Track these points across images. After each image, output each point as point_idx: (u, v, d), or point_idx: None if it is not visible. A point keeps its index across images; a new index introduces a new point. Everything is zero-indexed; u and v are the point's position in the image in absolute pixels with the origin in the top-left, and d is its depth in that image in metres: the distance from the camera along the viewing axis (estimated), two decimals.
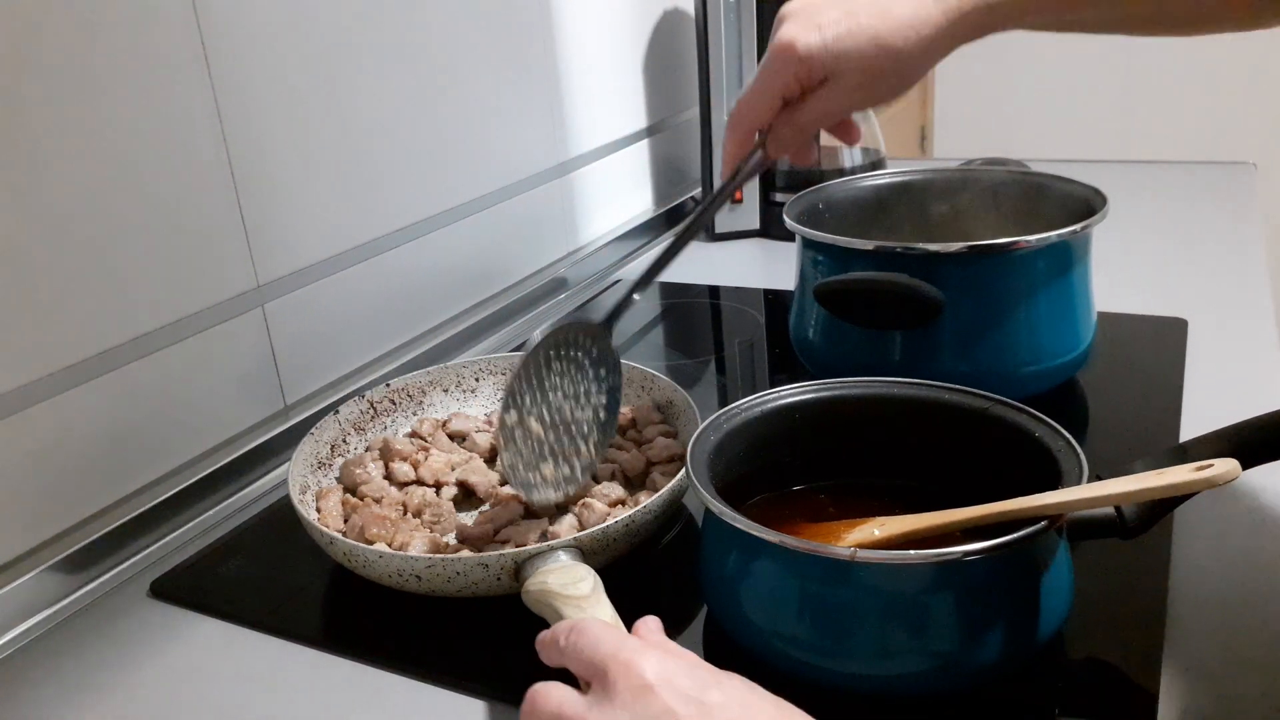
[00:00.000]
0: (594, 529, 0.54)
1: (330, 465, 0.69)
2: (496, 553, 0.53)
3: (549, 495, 0.58)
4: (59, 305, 0.62)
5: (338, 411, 0.70)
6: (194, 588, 0.62)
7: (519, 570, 0.52)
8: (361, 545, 0.55)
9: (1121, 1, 0.56)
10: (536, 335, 0.57)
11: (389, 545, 0.59)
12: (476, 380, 0.77)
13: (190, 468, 0.71)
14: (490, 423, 0.73)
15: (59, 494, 0.64)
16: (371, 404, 0.73)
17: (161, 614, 0.60)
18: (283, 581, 0.62)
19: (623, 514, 0.55)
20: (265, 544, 0.67)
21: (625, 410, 0.71)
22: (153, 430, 0.69)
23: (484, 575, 0.53)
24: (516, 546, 0.57)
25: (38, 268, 0.61)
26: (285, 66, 0.76)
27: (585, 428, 0.60)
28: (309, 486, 0.65)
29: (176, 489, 0.69)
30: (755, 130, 0.59)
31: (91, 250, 0.64)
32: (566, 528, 0.59)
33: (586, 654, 0.41)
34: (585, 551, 0.54)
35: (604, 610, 0.48)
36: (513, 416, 0.56)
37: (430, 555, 0.54)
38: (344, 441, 0.70)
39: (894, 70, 0.54)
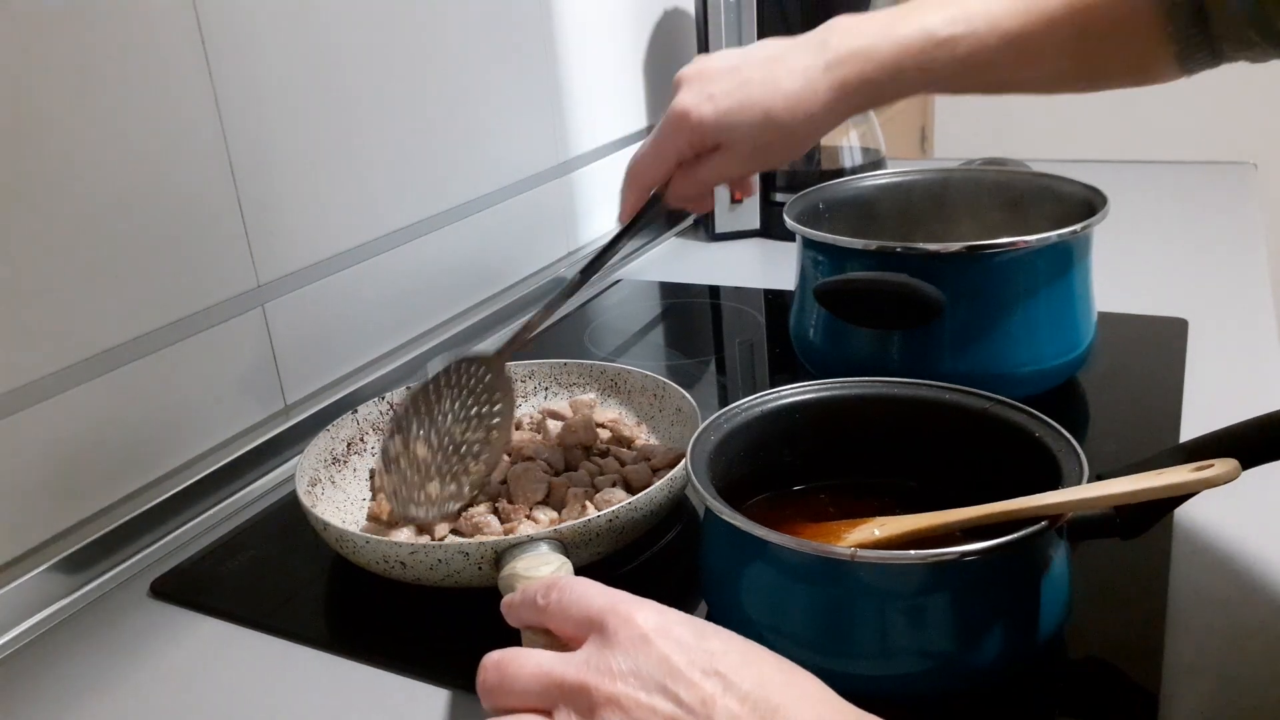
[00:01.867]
0: (575, 521, 0.54)
1: (345, 461, 0.69)
2: (477, 540, 0.53)
3: (430, 513, 0.59)
4: (59, 305, 0.62)
5: (356, 411, 0.71)
6: (194, 587, 0.62)
7: (499, 560, 0.53)
8: (351, 531, 0.56)
9: (1007, 67, 0.57)
10: (431, 367, 0.60)
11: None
12: None
13: (191, 467, 0.71)
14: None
15: (59, 493, 0.64)
16: (391, 406, 0.73)
17: (162, 614, 0.61)
18: (283, 581, 0.62)
19: (608, 509, 0.55)
20: (266, 543, 0.67)
21: (613, 418, 0.71)
22: (153, 430, 0.69)
23: (465, 564, 0.53)
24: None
25: (37, 268, 0.61)
26: (286, 66, 0.76)
27: (476, 447, 0.61)
28: (319, 480, 0.66)
29: (177, 489, 0.69)
30: (650, 187, 0.63)
31: (91, 250, 0.64)
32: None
33: (577, 609, 0.40)
34: (567, 545, 0.54)
35: None
36: (396, 444, 0.59)
37: (413, 542, 0.55)
38: (361, 440, 0.71)
39: (782, 141, 0.57)
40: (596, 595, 0.40)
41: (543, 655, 0.39)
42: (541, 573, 0.50)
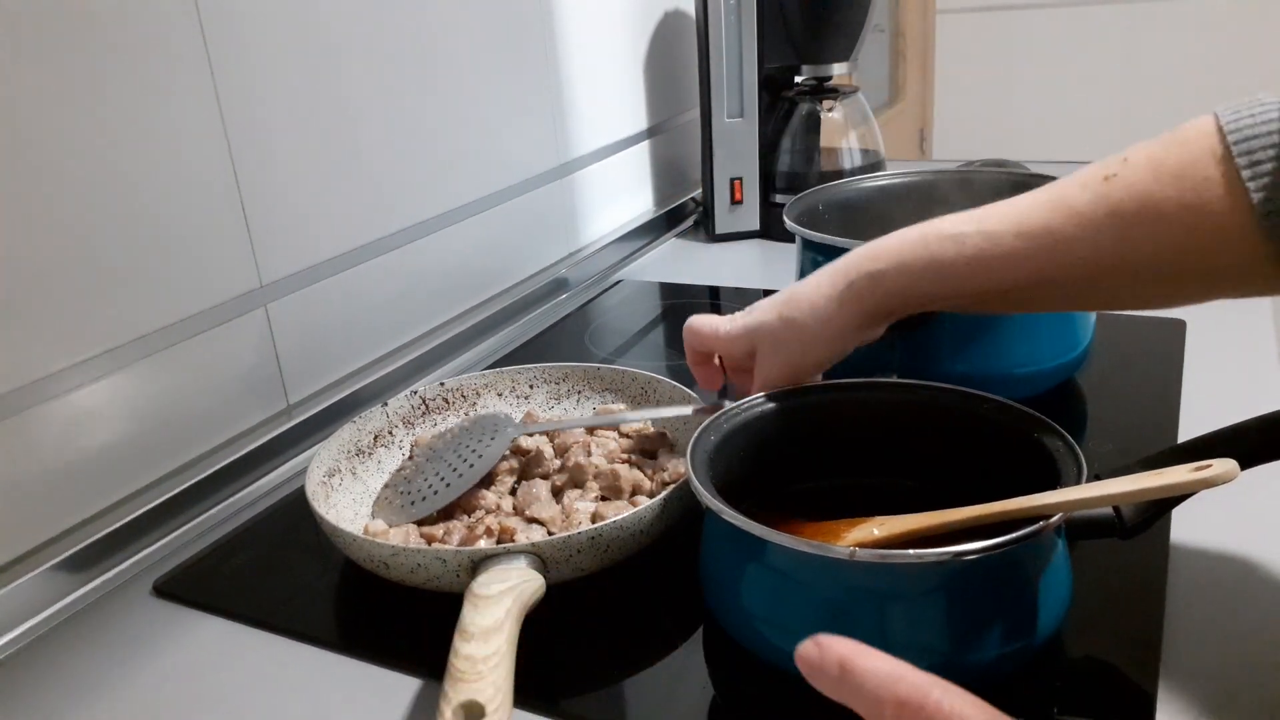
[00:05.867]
0: (555, 537, 0.53)
1: (369, 454, 0.69)
2: (453, 549, 0.53)
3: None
4: (61, 306, 0.63)
5: (386, 404, 0.71)
6: (197, 587, 0.62)
7: (476, 569, 0.52)
8: (341, 528, 0.56)
9: (1029, 264, 0.51)
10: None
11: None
12: (530, 387, 0.77)
13: (193, 466, 0.72)
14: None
15: (62, 493, 0.64)
16: (424, 400, 0.73)
17: (165, 613, 0.61)
18: (286, 580, 0.62)
19: (592, 525, 0.54)
20: (269, 542, 0.67)
21: (637, 428, 0.71)
22: (156, 429, 0.69)
23: (443, 570, 0.53)
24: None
25: (40, 269, 0.61)
26: (288, 67, 0.77)
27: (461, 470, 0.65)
28: (339, 470, 0.66)
29: (180, 488, 0.69)
30: (703, 360, 0.66)
31: (94, 251, 0.64)
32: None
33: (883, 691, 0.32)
34: (546, 560, 0.53)
35: (489, 615, 0.47)
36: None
37: (395, 545, 0.54)
38: (390, 433, 0.71)
39: (800, 342, 0.58)
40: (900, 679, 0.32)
41: None
42: (493, 590, 0.49)
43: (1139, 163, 0.49)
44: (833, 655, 0.34)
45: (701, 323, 0.64)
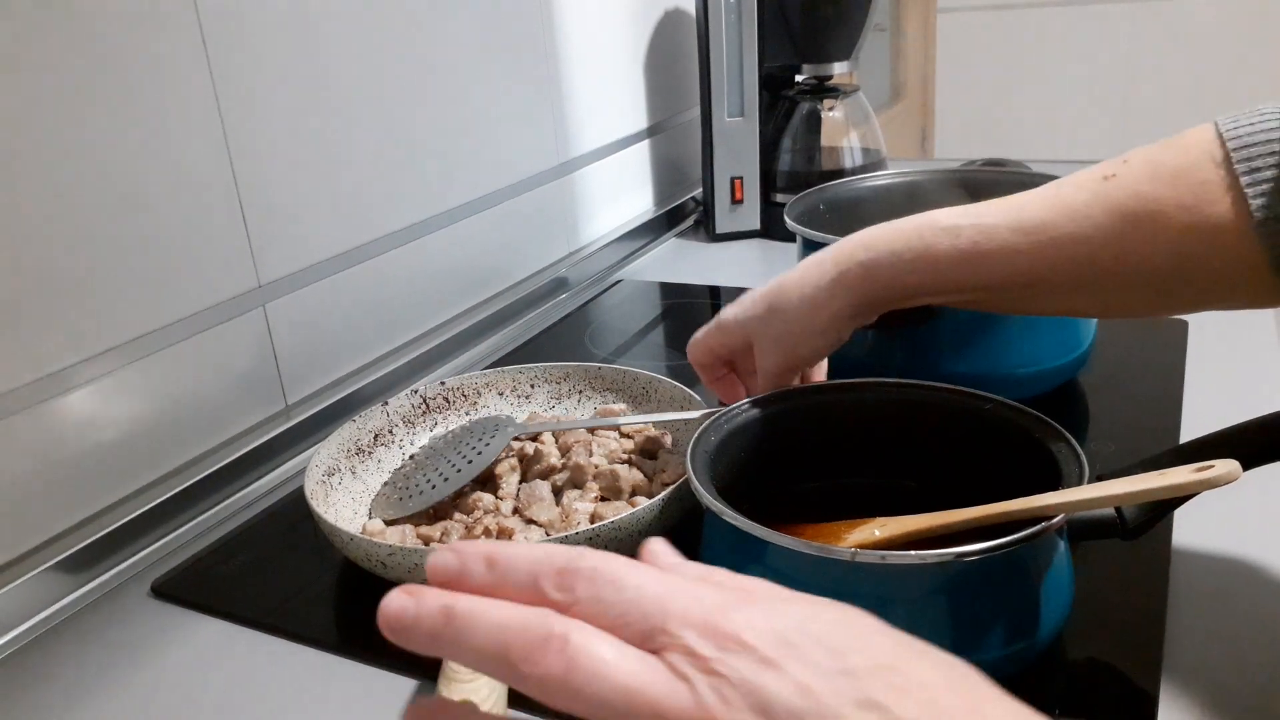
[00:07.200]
0: (550, 538, 0.53)
1: (369, 453, 0.69)
2: None
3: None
4: (59, 305, 0.62)
5: (386, 403, 0.71)
6: (195, 588, 0.62)
7: None
8: (339, 528, 0.56)
9: (1023, 260, 0.51)
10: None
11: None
12: (532, 386, 0.77)
13: (192, 467, 0.71)
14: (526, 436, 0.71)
15: (60, 494, 0.64)
16: (425, 399, 0.73)
17: (163, 614, 0.61)
18: (285, 581, 0.62)
19: (589, 526, 0.54)
20: (267, 543, 0.67)
21: (639, 428, 0.71)
22: (154, 430, 0.69)
23: None
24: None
25: (38, 269, 0.61)
26: (287, 67, 0.76)
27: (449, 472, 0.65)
28: (338, 469, 0.66)
29: (178, 488, 0.69)
30: (704, 364, 0.64)
31: (92, 251, 0.64)
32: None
33: (637, 608, 0.28)
34: None
35: None
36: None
37: (392, 544, 0.54)
38: (390, 432, 0.71)
39: (790, 333, 0.58)
40: (649, 587, 0.29)
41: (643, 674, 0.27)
42: None
43: (1138, 164, 0.49)
44: (476, 552, 0.31)
45: (699, 332, 0.63)
